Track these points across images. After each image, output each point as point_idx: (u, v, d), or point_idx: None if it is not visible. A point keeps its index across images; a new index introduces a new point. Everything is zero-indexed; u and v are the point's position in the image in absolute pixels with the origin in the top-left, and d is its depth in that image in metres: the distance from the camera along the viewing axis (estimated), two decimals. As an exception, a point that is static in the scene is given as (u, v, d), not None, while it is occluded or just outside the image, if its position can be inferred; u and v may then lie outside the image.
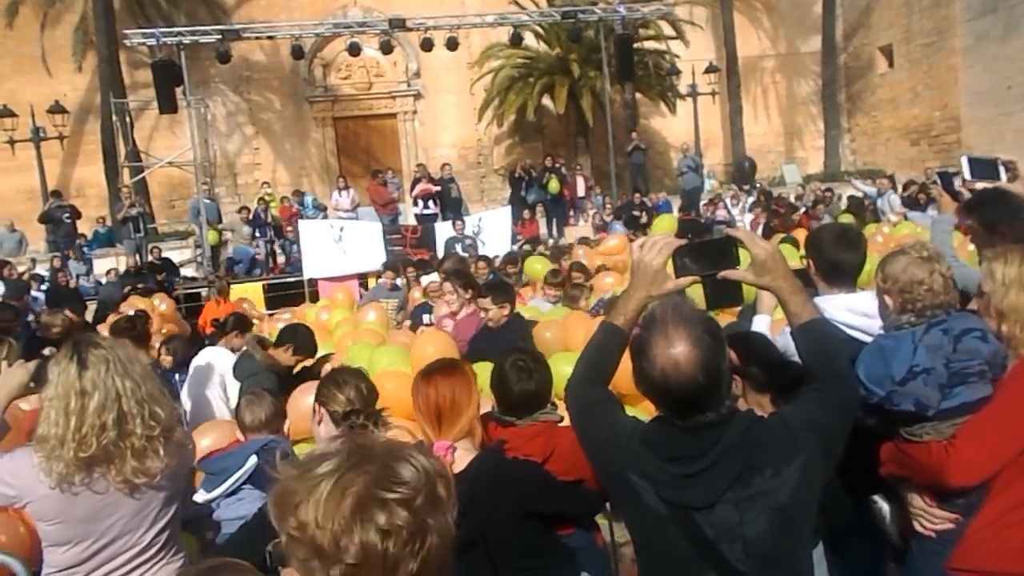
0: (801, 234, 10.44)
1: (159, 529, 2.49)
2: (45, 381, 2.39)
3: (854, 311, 2.69)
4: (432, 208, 16.72)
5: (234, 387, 5.10)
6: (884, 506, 2.59)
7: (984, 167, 3.69)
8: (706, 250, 1.99)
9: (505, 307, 5.12)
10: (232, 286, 13.45)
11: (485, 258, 9.45)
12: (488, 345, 4.67)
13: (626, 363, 1.92)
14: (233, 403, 4.61)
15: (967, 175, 3.69)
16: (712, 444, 1.73)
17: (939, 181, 4.78)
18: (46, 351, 3.98)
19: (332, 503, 1.07)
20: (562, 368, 4.57)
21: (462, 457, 2.36)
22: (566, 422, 2.51)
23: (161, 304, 10.88)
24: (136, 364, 2.44)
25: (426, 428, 2.44)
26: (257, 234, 16.66)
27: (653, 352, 1.73)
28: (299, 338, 5.08)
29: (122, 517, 2.39)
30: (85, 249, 16.30)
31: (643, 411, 3.60)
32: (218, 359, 5.65)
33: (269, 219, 16.80)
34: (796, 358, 2.38)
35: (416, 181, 17.01)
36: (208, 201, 16.00)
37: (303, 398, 4.01)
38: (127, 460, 2.33)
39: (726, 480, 1.71)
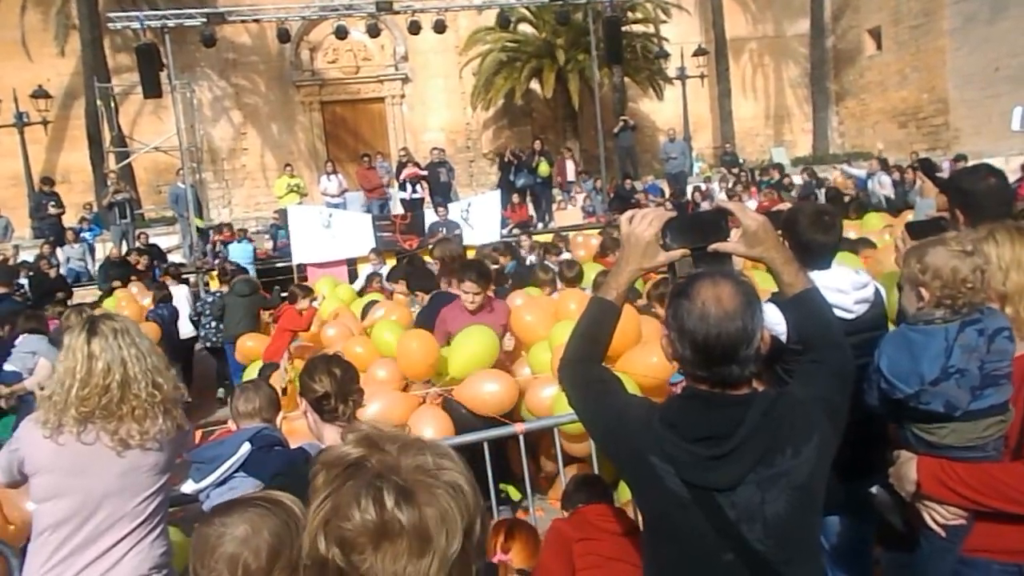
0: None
1: (144, 499, 2.53)
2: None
3: (828, 288, 2.70)
4: (419, 192, 16.61)
5: None
6: (885, 497, 2.57)
7: None
8: (696, 222, 1.99)
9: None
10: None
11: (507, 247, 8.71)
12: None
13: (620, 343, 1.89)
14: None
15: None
16: (737, 424, 1.70)
17: (920, 167, 4.78)
18: None
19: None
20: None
21: None
22: None
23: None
24: (145, 339, 2.59)
25: None
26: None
27: (696, 289, 1.72)
28: None
29: (107, 475, 2.46)
30: (87, 234, 16.11)
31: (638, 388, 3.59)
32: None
33: None
34: (775, 329, 2.37)
35: (402, 165, 16.88)
36: (182, 186, 15.69)
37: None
38: (125, 421, 2.45)
39: (752, 460, 1.69)
